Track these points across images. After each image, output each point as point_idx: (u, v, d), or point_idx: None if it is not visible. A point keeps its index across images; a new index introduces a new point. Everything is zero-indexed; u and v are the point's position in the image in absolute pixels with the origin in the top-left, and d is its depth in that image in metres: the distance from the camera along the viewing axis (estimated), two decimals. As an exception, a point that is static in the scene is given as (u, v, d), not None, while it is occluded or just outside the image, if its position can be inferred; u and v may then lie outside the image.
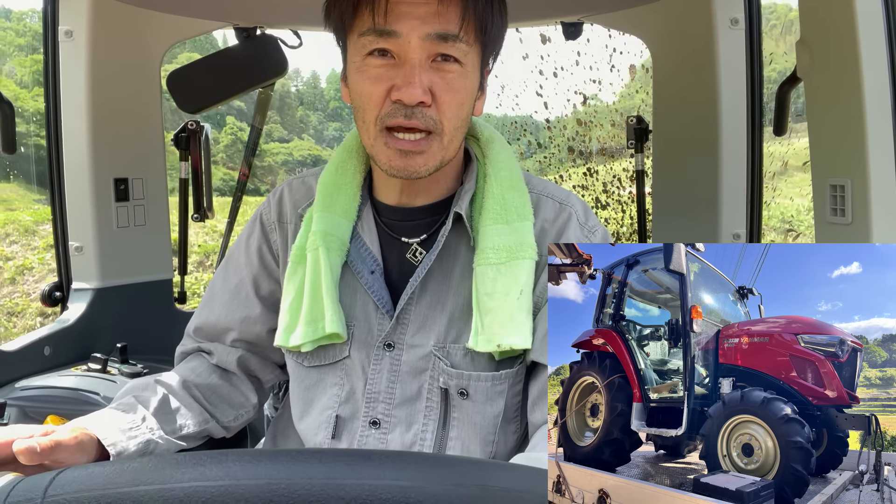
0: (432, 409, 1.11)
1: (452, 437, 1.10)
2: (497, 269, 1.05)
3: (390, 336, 1.12)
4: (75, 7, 2.06)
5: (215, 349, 1.26)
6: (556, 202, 1.14)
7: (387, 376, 1.12)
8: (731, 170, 2.16)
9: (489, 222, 1.09)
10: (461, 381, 1.09)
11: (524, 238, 1.08)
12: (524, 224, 1.09)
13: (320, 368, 1.17)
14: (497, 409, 1.09)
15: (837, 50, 1.42)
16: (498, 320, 1.03)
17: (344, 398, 1.15)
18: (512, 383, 1.10)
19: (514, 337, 1.03)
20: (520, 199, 1.11)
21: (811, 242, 2.56)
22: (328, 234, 1.13)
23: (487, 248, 1.07)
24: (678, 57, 2.29)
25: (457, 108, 1.03)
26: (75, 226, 2.17)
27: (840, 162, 1.44)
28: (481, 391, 1.08)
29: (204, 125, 2.42)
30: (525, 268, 1.06)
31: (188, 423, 1.15)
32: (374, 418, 1.13)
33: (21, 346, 1.92)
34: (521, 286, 1.04)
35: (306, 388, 1.19)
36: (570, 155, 6.93)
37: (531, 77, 11.09)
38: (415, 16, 0.98)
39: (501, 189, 1.11)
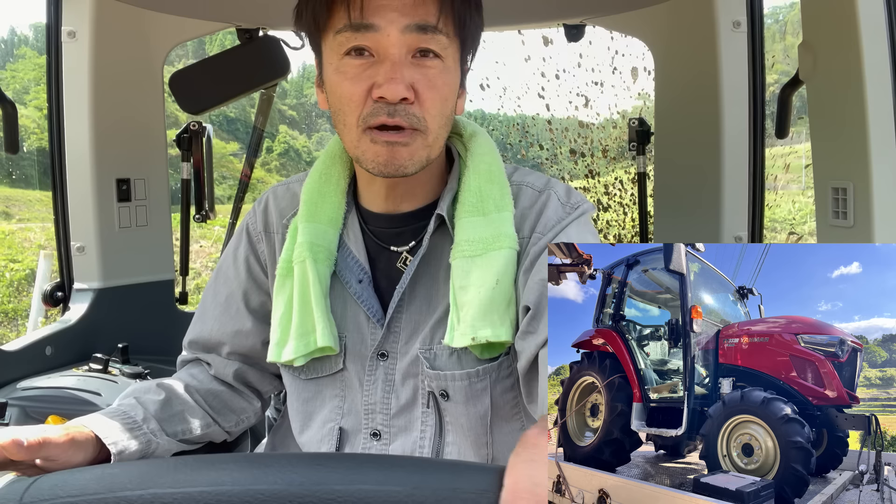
0: (428, 415, 1.09)
1: (449, 441, 1.08)
2: (471, 261, 1.03)
3: (383, 345, 1.11)
4: (78, 8, 2.07)
5: (213, 361, 1.24)
6: (535, 191, 1.11)
7: (381, 387, 1.11)
8: (732, 172, 2.16)
9: (465, 215, 1.06)
10: (440, 382, 1.07)
11: (501, 229, 1.04)
12: (502, 215, 1.06)
13: (318, 381, 1.16)
14: (482, 409, 1.06)
15: (840, 53, 1.42)
16: (472, 312, 1.00)
17: (346, 410, 1.14)
18: (496, 380, 1.07)
19: (489, 329, 1.00)
20: (498, 190, 1.08)
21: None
22: (314, 245, 1.11)
23: (463, 241, 1.04)
24: (680, 59, 2.29)
25: (440, 104, 1.01)
26: (77, 226, 2.17)
27: (842, 165, 1.44)
28: (460, 391, 1.06)
29: (206, 126, 2.42)
30: (501, 258, 1.02)
31: (191, 427, 1.14)
32: (374, 430, 1.12)
33: (22, 346, 1.92)
34: (496, 276, 1.01)
35: (305, 402, 1.18)
36: (573, 156, 6.93)
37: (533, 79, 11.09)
38: (392, 8, 0.96)
39: (479, 181, 1.08)
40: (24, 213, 11.94)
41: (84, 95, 2.09)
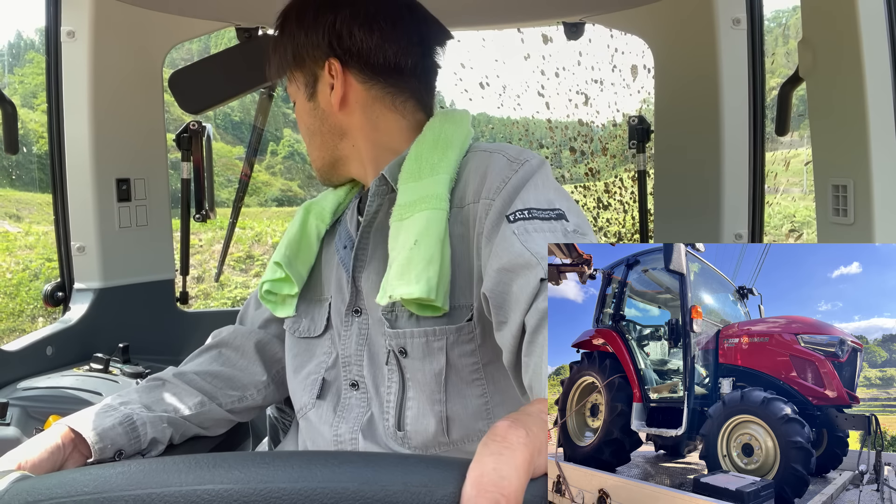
0: (393, 371, 1.13)
1: (410, 396, 1.12)
2: (400, 224, 1.07)
3: (354, 302, 1.19)
4: (77, 7, 2.07)
5: (235, 330, 1.36)
6: (485, 152, 1.11)
7: (355, 340, 1.18)
8: (733, 170, 2.16)
9: (402, 181, 1.11)
10: (400, 340, 1.10)
11: (429, 190, 1.07)
12: (435, 178, 1.08)
13: (308, 340, 1.26)
14: (437, 367, 1.08)
15: (840, 50, 1.42)
16: (392, 272, 1.04)
17: (331, 364, 1.22)
18: (454, 342, 1.08)
19: (404, 287, 1.01)
20: (439, 155, 1.11)
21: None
22: (314, 203, 1.30)
23: (398, 206, 1.09)
24: (680, 57, 2.29)
25: (303, 130, 1.27)
26: (77, 226, 2.18)
27: (842, 162, 1.44)
28: (417, 348, 1.09)
29: (206, 125, 2.42)
30: (423, 219, 1.05)
31: (177, 407, 1.20)
32: (352, 380, 1.19)
33: (23, 346, 1.92)
34: (415, 237, 1.03)
35: (294, 356, 1.27)
36: (572, 155, 6.93)
37: (532, 77, 11.09)
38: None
39: (420, 149, 1.14)
40: (34, 216, 11.97)
41: (84, 95, 2.09)
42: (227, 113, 17.14)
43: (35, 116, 12.12)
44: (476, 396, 1.10)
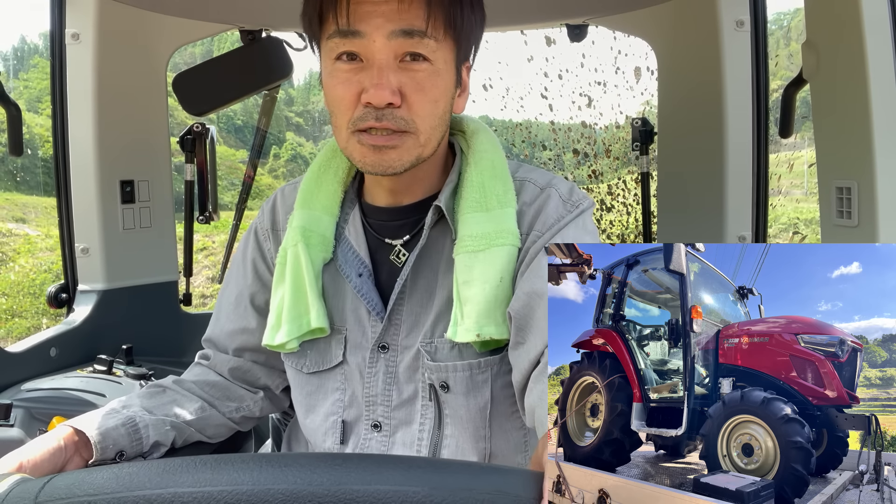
0: (428, 408, 1.10)
1: (447, 434, 1.09)
2: (474, 257, 1.03)
3: (383, 338, 1.12)
4: (82, 10, 2.08)
5: (214, 356, 1.29)
6: (537, 187, 1.11)
7: (382, 378, 1.12)
8: (736, 171, 2.16)
9: (468, 211, 1.07)
10: (441, 373, 1.08)
11: (504, 224, 1.05)
12: (505, 211, 1.06)
13: (319, 374, 1.18)
14: (482, 401, 1.07)
15: (844, 52, 1.41)
16: (477, 309, 1.01)
17: (347, 403, 1.16)
18: (497, 373, 1.07)
19: (492, 326, 1.01)
20: (501, 186, 1.08)
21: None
22: (307, 230, 1.13)
23: (465, 237, 1.05)
24: (683, 59, 2.29)
25: (430, 107, 1.02)
26: (81, 227, 2.18)
27: (846, 164, 1.44)
28: (461, 382, 1.07)
29: (210, 127, 2.43)
30: (504, 254, 1.03)
31: (178, 413, 1.17)
32: (374, 421, 1.13)
33: (27, 347, 1.93)
34: (500, 273, 1.02)
35: (308, 395, 1.20)
36: (575, 157, 6.92)
37: (536, 79, 11.09)
38: (377, 14, 0.98)
39: (482, 177, 1.09)
40: (40, 219, 12.03)
41: (88, 97, 2.10)
42: (229, 116, 17.20)
43: (40, 120, 12.18)
44: (516, 430, 1.10)
